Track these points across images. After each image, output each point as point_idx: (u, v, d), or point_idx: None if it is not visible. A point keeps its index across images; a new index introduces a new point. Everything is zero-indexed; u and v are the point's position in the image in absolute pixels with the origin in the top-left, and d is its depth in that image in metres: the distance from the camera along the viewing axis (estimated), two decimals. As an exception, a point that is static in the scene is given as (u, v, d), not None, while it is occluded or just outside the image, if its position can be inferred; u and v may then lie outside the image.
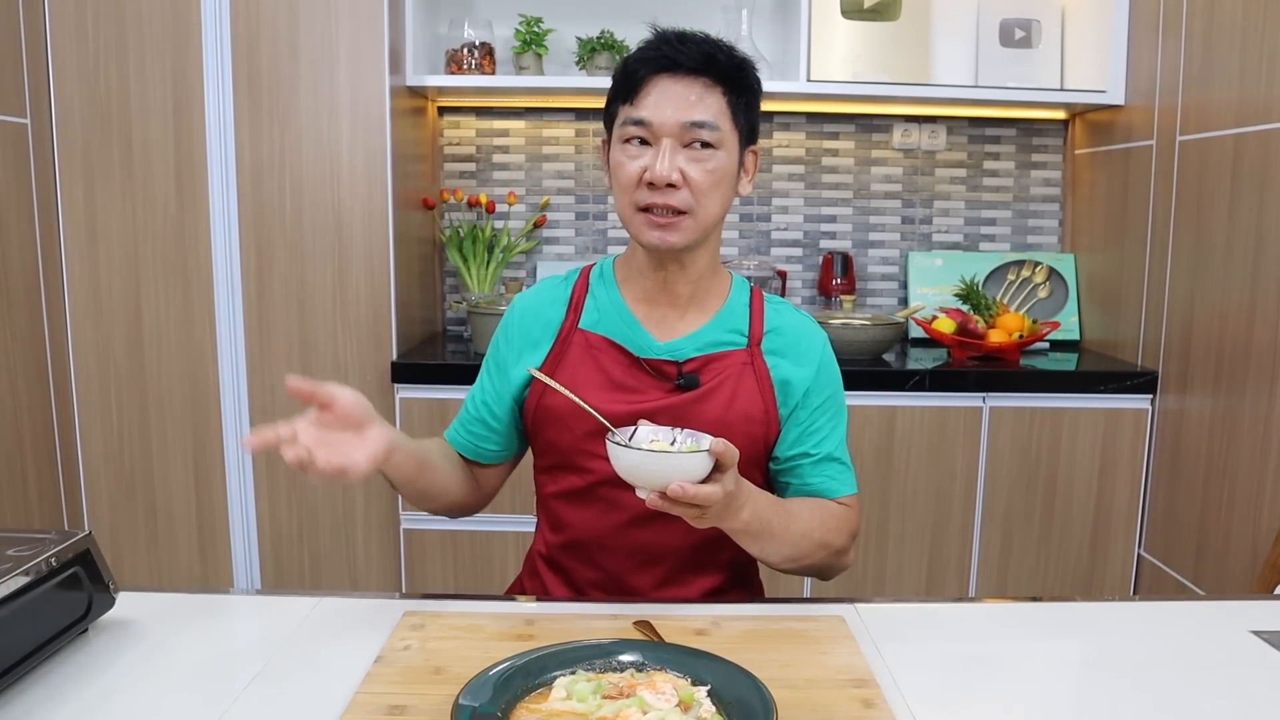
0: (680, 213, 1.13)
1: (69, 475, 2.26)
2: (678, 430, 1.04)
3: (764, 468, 1.23)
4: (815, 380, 1.22)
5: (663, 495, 0.95)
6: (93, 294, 2.22)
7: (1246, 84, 1.92)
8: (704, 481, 0.96)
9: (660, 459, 0.95)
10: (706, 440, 0.97)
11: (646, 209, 1.13)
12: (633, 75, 1.14)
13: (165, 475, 2.28)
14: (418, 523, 2.27)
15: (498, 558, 2.27)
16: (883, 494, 2.27)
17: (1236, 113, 1.94)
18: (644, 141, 1.13)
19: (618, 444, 0.97)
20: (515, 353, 1.24)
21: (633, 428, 1.03)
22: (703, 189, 1.13)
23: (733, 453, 0.96)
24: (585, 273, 1.28)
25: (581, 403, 1.05)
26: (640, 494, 0.97)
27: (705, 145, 1.13)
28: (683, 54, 1.12)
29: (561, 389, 1.07)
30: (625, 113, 1.15)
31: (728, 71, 1.14)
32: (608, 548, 1.21)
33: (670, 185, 1.12)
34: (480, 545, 2.28)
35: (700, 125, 1.12)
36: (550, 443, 1.22)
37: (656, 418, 1.10)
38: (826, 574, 1.22)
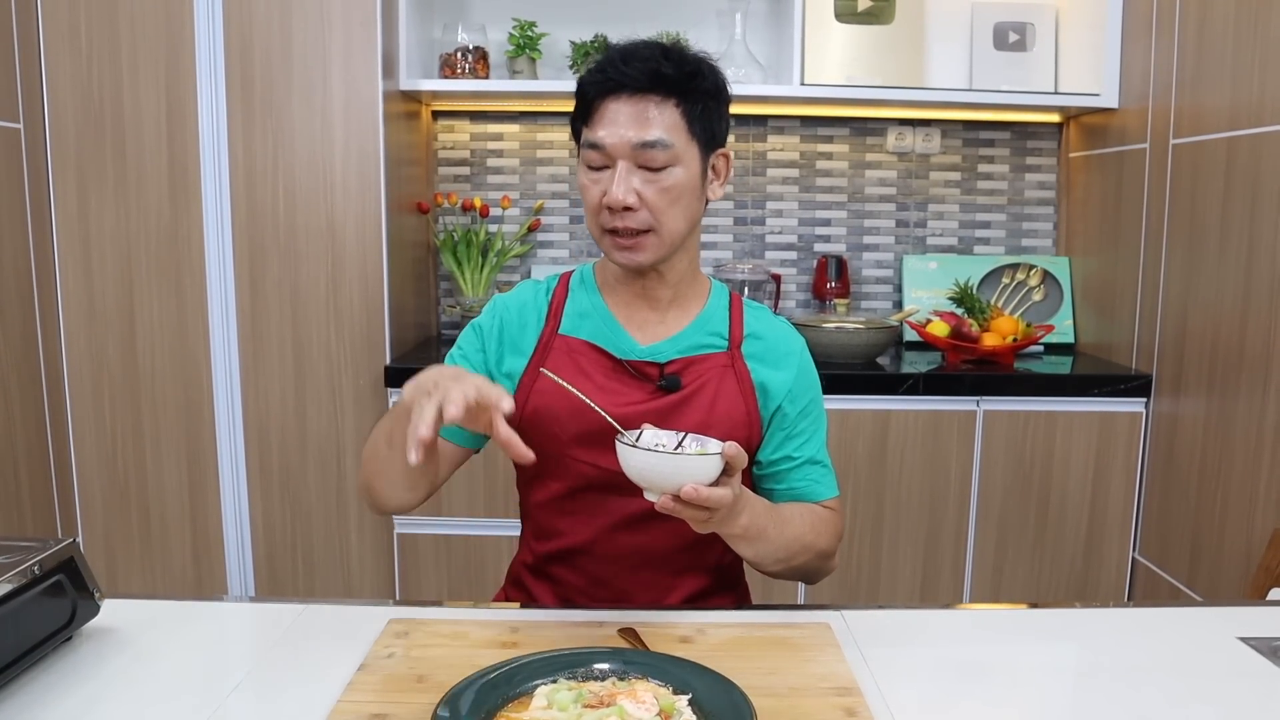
0: (643, 232, 1.14)
1: (62, 481, 2.26)
2: (682, 433, 1.03)
3: (747, 470, 1.23)
4: (795, 385, 1.23)
5: (675, 498, 0.95)
6: (86, 299, 2.22)
7: (1239, 87, 1.91)
8: (714, 485, 0.96)
9: (675, 461, 0.95)
10: (713, 443, 0.98)
11: (612, 230, 1.14)
12: (585, 97, 1.14)
13: (159, 480, 2.28)
14: (411, 527, 2.27)
15: (491, 561, 2.27)
16: (876, 498, 2.26)
17: (1229, 116, 1.94)
18: (602, 165, 1.14)
19: (631, 446, 0.97)
20: (505, 350, 1.23)
21: (637, 431, 1.03)
22: (660, 207, 1.13)
23: (742, 456, 0.97)
24: (564, 279, 1.28)
25: (596, 406, 1.03)
26: (649, 496, 0.97)
27: (660, 165, 1.12)
28: (627, 75, 1.11)
29: (576, 391, 1.05)
30: (585, 134, 1.15)
31: (677, 83, 1.13)
32: (596, 553, 1.21)
33: (627, 208, 1.12)
34: (474, 549, 2.28)
35: (651, 145, 1.11)
36: (536, 447, 1.20)
37: (639, 420, 1.10)
38: (812, 577, 1.22)
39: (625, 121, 1.11)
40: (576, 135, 1.19)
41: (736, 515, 1.02)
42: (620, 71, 1.11)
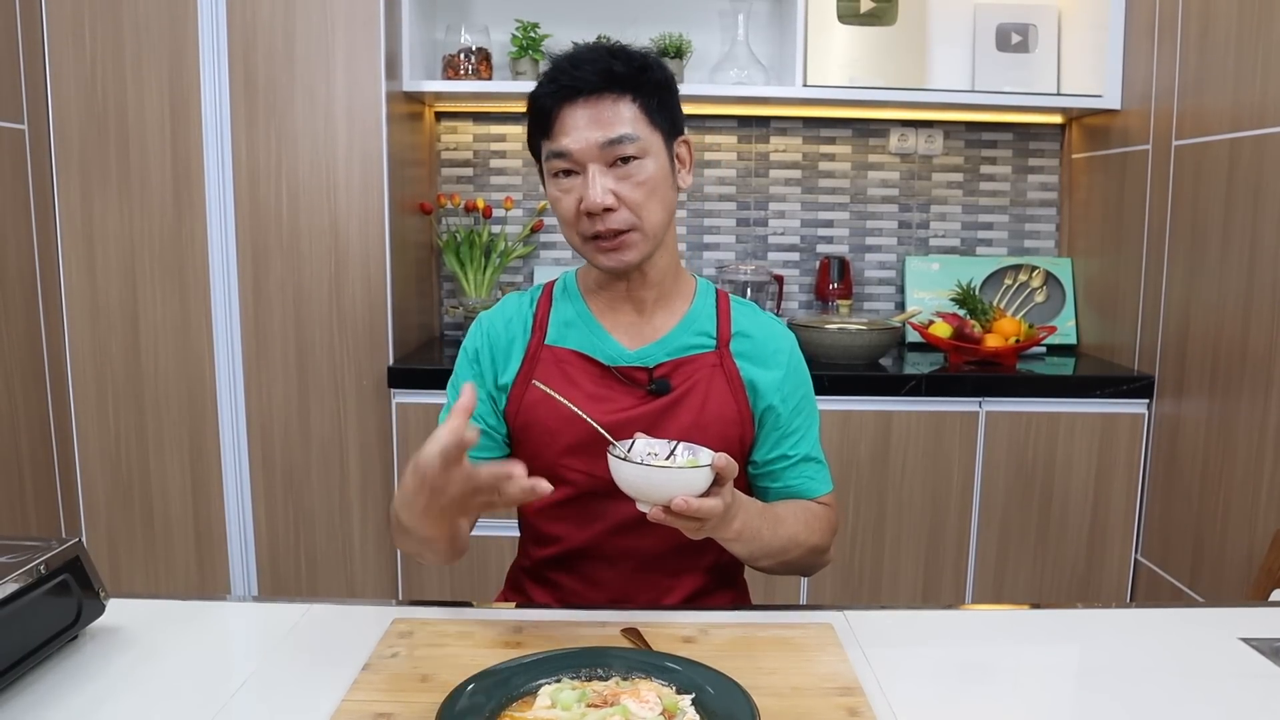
0: (625, 231, 1.14)
1: (66, 481, 2.26)
2: (674, 442, 1.04)
3: (742, 468, 1.24)
4: (787, 383, 1.23)
5: (665, 509, 0.96)
6: (89, 299, 2.22)
7: (1241, 89, 1.92)
8: (705, 495, 0.97)
9: (664, 474, 0.96)
10: (705, 453, 0.99)
11: (594, 236, 1.14)
12: (542, 109, 1.14)
13: (162, 480, 2.29)
14: (414, 527, 2.27)
15: (494, 562, 2.28)
16: (878, 500, 2.26)
17: (1231, 117, 1.94)
18: (571, 172, 1.14)
19: (621, 459, 0.97)
20: (496, 366, 1.24)
21: (630, 441, 1.04)
22: (639, 202, 1.14)
23: (733, 467, 0.97)
24: (548, 289, 1.28)
25: (587, 418, 1.04)
26: (641, 507, 0.98)
27: (629, 159, 1.13)
28: (580, 78, 1.12)
29: (567, 403, 1.06)
30: (546, 147, 1.15)
31: (630, 79, 1.13)
32: (592, 556, 1.22)
33: (607, 209, 1.12)
34: (476, 550, 2.28)
35: (618, 141, 1.12)
36: (529, 457, 1.22)
37: (630, 425, 1.11)
38: (808, 571, 1.23)
39: (586, 124, 1.12)
40: (536, 151, 1.19)
41: (729, 521, 1.03)
42: (573, 77, 1.12)
